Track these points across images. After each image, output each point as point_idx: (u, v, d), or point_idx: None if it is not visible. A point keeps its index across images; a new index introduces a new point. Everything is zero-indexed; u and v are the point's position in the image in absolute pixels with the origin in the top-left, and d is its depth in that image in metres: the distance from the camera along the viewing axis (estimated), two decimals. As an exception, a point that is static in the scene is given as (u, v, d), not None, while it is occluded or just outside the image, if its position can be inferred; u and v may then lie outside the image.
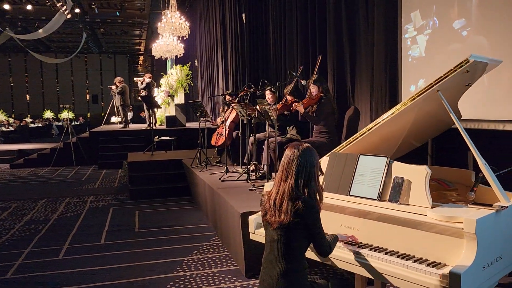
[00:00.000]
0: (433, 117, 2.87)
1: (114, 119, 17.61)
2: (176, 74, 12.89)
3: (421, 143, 3.26)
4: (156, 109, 11.79)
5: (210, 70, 13.67)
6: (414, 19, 4.27)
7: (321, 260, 2.39)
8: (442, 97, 2.41)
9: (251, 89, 5.73)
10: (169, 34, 13.09)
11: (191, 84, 13.94)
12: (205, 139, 6.98)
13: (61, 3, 16.58)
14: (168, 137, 10.44)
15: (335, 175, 2.68)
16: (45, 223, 5.78)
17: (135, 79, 15.04)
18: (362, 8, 5.11)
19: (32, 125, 25.35)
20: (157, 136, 10.23)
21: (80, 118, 29.29)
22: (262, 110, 5.00)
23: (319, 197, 2.12)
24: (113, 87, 12.65)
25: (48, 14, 18.57)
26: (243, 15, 9.78)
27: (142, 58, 35.18)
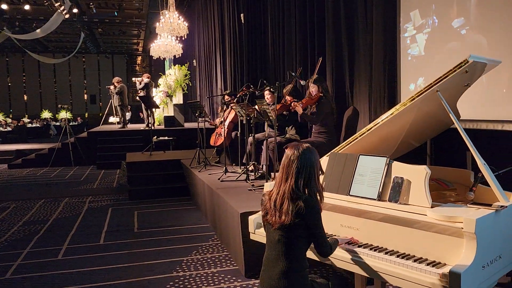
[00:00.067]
0: (432, 117, 2.88)
1: (112, 119, 17.58)
2: (175, 74, 12.88)
3: (420, 143, 3.27)
4: (154, 109, 11.78)
5: (209, 70, 13.67)
6: (414, 18, 4.29)
7: (320, 260, 2.39)
8: (441, 97, 2.41)
9: (250, 89, 5.73)
10: (168, 34, 13.09)
11: (190, 84, 13.93)
12: (204, 139, 6.98)
13: (59, 3, 16.55)
14: (166, 137, 10.44)
15: (335, 175, 2.69)
16: (44, 223, 5.78)
17: (133, 79, 15.02)
18: (361, 8, 5.12)
19: (30, 125, 25.29)
20: (156, 136, 10.23)
21: (78, 118, 29.23)
22: (261, 110, 5.01)
23: (319, 197, 2.12)
24: (111, 87, 12.64)
25: (46, 14, 18.56)
26: (241, 15, 9.78)
27: (140, 58, 35.14)
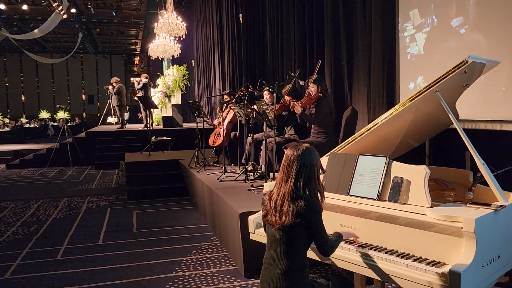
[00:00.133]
0: (431, 118, 2.89)
1: (111, 119, 17.56)
2: (173, 75, 12.88)
3: (419, 143, 3.28)
4: (152, 110, 11.77)
5: (207, 70, 13.67)
6: (413, 18, 4.31)
7: (321, 259, 2.40)
8: (440, 97, 2.43)
9: (249, 89, 5.74)
10: (166, 34, 13.08)
11: (188, 84, 13.93)
12: (202, 140, 6.99)
13: (57, 3, 16.53)
14: (165, 138, 10.43)
15: (335, 175, 2.70)
16: (43, 223, 5.77)
17: (131, 79, 15.01)
18: (360, 8, 5.13)
19: (27, 125, 25.25)
20: (154, 137, 10.22)
21: (76, 118, 29.20)
22: (260, 110, 5.02)
23: (320, 197, 2.13)
24: (110, 87, 12.62)
25: (44, 14, 18.53)
26: (240, 15, 9.78)
27: (138, 58, 35.12)
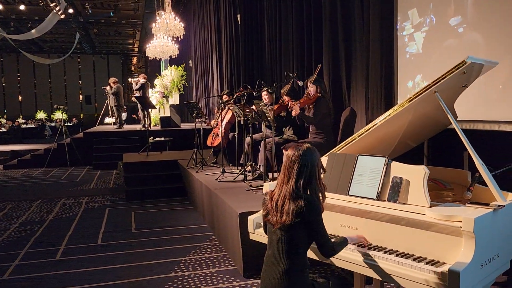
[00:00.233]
0: (429, 118, 2.90)
1: (108, 119, 17.55)
2: (171, 75, 12.88)
3: (417, 144, 3.30)
4: (150, 110, 11.77)
5: (205, 70, 13.67)
6: (412, 17, 4.34)
7: (320, 259, 2.41)
8: (439, 98, 2.44)
9: (248, 89, 5.74)
10: (164, 34, 13.08)
11: (186, 85, 13.93)
12: (201, 140, 6.99)
13: (54, 3, 16.50)
14: (163, 138, 10.43)
15: (334, 175, 2.71)
16: (41, 224, 5.76)
17: (129, 79, 15.01)
18: (358, 9, 5.15)
19: (25, 126, 25.17)
20: (152, 137, 10.22)
21: (73, 118, 29.13)
22: (259, 110, 5.03)
23: (321, 196, 2.13)
24: (108, 87, 12.61)
25: (41, 14, 18.48)
26: (238, 16, 9.79)
27: (135, 59, 35.06)
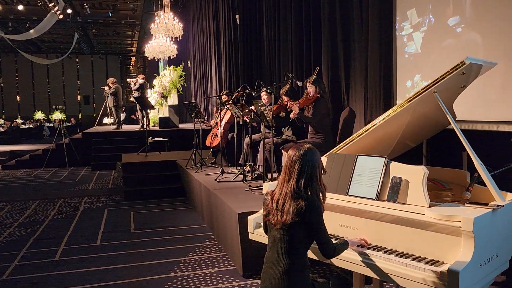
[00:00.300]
0: (428, 118, 2.92)
1: (107, 120, 17.53)
2: (170, 75, 12.88)
3: (416, 144, 3.31)
4: (149, 110, 11.77)
5: (204, 71, 13.67)
6: (411, 17, 4.37)
7: (320, 259, 2.42)
8: (438, 98, 2.45)
9: (247, 90, 5.75)
10: (162, 35, 13.08)
11: (185, 85, 13.93)
12: (200, 140, 7.00)
13: (52, 4, 16.49)
14: (161, 138, 10.43)
15: (334, 175, 2.71)
16: (40, 224, 5.76)
17: (128, 80, 14.99)
18: (357, 9, 5.16)
19: (23, 126, 25.14)
20: (151, 137, 10.22)
21: (71, 119, 29.10)
22: (258, 111, 5.03)
23: (322, 197, 2.14)
24: (106, 88, 12.61)
25: (39, 14, 18.47)
26: (237, 16, 9.79)
27: (134, 59, 35.06)
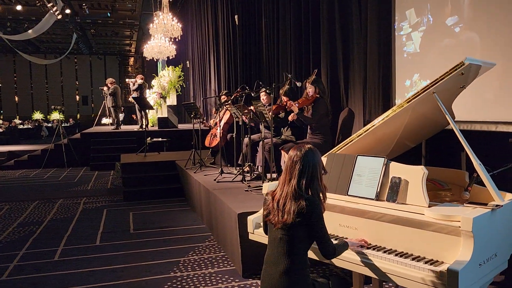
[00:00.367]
0: (427, 119, 2.93)
1: (105, 120, 17.53)
2: (168, 76, 12.87)
3: (415, 144, 3.32)
4: (148, 111, 11.76)
5: (202, 71, 13.68)
6: (409, 17, 4.39)
7: (319, 259, 2.42)
8: (438, 99, 2.46)
9: (246, 90, 5.75)
10: (161, 35, 13.08)
11: (183, 85, 13.93)
12: (199, 141, 7.00)
13: (51, 4, 16.47)
14: (160, 139, 10.43)
15: (334, 175, 2.72)
16: (39, 224, 5.75)
17: (126, 80, 14.98)
18: (355, 9, 5.18)
19: (21, 126, 25.11)
20: (149, 138, 10.22)
21: (70, 119, 29.07)
22: (257, 111, 5.04)
23: (322, 197, 2.15)
24: (105, 88, 12.59)
25: (38, 14, 18.44)
26: (235, 17, 9.79)
27: (132, 59, 35.03)
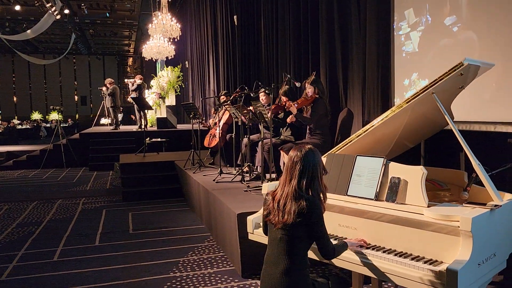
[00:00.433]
0: (426, 119, 2.94)
1: (104, 120, 17.51)
2: (167, 76, 12.88)
3: (414, 144, 3.32)
4: (147, 111, 11.76)
5: (201, 71, 13.67)
6: (408, 17, 4.41)
7: (319, 259, 2.43)
8: (437, 99, 2.47)
9: (245, 90, 5.76)
10: (160, 35, 13.08)
11: (182, 86, 13.93)
12: (198, 141, 7.00)
13: (50, 4, 16.45)
14: (159, 139, 10.43)
15: (333, 175, 2.73)
16: (38, 225, 5.75)
17: (125, 80, 14.98)
18: (354, 9, 5.18)
19: (20, 126, 25.08)
20: (148, 138, 10.22)
21: (68, 119, 29.04)
22: (256, 111, 5.04)
23: (323, 197, 2.15)
24: (104, 88, 12.60)
25: (36, 14, 18.41)
26: (234, 17, 9.80)
27: (131, 59, 35.01)
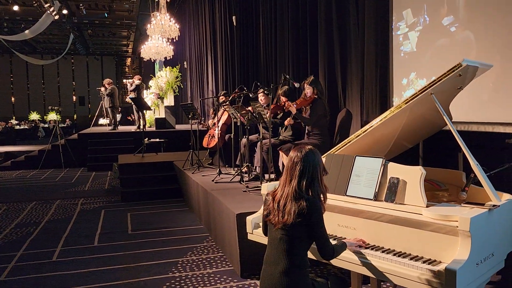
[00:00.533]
0: (425, 120, 2.95)
1: (102, 121, 17.51)
2: (166, 76, 12.88)
3: (412, 145, 3.34)
4: (145, 111, 11.76)
5: (200, 72, 13.67)
6: (406, 17, 4.44)
7: (318, 259, 2.44)
8: (435, 100, 2.48)
9: (244, 91, 5.77)
10: (158, 36, 13.08)
11: (181, 86, 13.93)
12: (197, 141, 7.01)
13: (48, 4, 16.44)
14: (158, 139, 10.44)
15: (332, 175, 2.74)
16: (37, 225, 5.75)
17: (124, 80, 14.98)
18: (353, 9, 5.20)
19: (18, 127, 25.05)
20: (147, 138, 10.22)
21: (66, 120, 29.01)
22: (255, 112, 5.05)
23: (323, 198, 2.16)
24: (102, 89, 12.59)
25: (35, 15, 18.40)
26: (233, 17, 9.81)
27: (129, 60, 34.99)
